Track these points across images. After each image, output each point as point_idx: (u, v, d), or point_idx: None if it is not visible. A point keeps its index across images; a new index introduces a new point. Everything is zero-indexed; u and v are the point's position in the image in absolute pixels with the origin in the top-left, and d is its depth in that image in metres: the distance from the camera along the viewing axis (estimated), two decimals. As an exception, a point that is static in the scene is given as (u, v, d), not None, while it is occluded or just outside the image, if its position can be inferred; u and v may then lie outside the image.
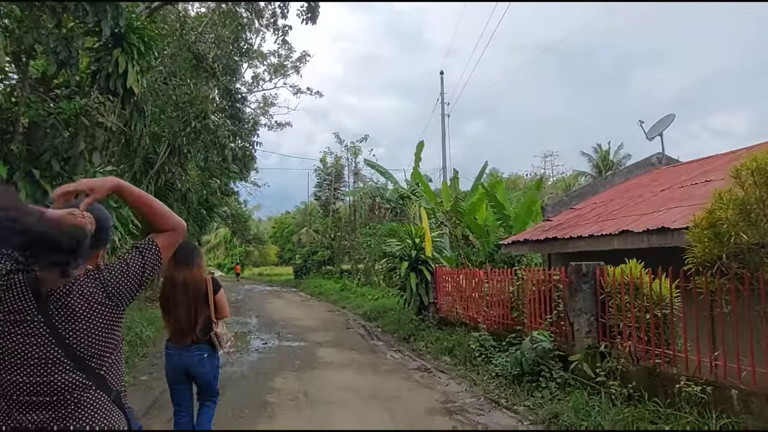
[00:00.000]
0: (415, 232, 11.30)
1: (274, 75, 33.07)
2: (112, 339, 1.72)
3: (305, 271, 28.83)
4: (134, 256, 1.79)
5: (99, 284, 1.70)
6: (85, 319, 1.64)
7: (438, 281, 10.96)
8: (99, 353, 1.67)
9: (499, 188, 15.55)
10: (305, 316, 15.27)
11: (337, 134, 26.94)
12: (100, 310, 1.67)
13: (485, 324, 8.75)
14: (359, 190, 25.19)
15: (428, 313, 10.87)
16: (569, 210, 11.89)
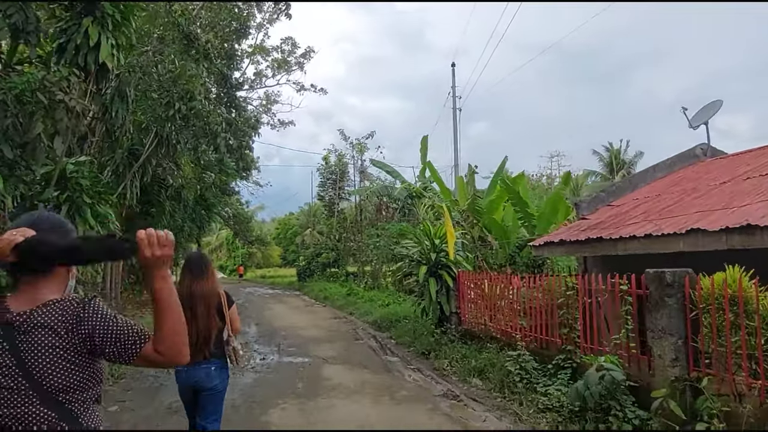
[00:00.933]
0: (434, 232, 9.78)
1: (277, 71, 31.70)
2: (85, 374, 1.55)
3: (309, 273, 27.32)
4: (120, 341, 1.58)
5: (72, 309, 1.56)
6: (46, 348, 1.49)
7: (461, 288, 9.43)
8: (67, 388, 1.51)
9: (520, 184, 14.03)
10: (309, 324, 13.75)
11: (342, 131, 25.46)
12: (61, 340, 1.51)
13: (523, 341, 7.23)
14: (365, 189, 23.67)
15: (450, 325, 9.34)
16: (607, 207, 10.38)
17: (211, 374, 3.80)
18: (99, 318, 1.57)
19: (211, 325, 3.74)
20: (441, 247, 9.67)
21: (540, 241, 9.61)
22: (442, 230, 9.85)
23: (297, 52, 30.84)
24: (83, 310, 1.56)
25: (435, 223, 17.93)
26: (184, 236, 20.23)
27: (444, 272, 9.39)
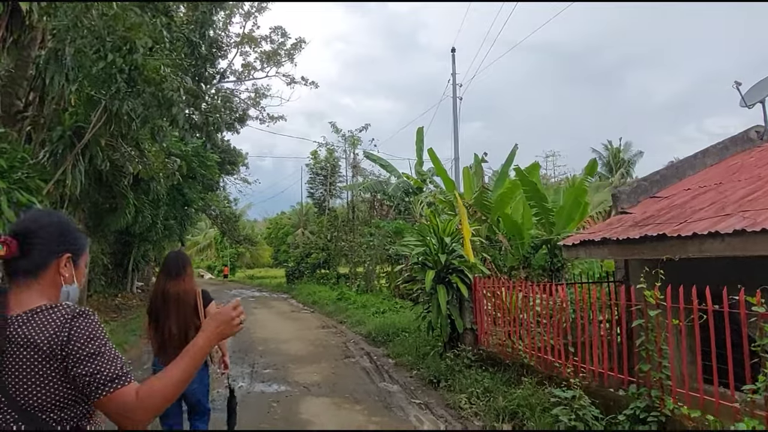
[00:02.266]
0: (443, 228, 7.67)
1: (266, 63, 29.53)
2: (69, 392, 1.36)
3: (298, 274, 25.11)
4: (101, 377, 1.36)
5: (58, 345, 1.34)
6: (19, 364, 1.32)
7: (478, 298, 7.33)
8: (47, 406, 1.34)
9: (535, 174, 11.97)
10: (293, 336, 11.60)
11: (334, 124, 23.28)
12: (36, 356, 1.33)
13: (575, 374, 5.16)
14: (358, 184, 21.53)
15: (463, 344, 7.24)
16: (651, 199, 8.36)
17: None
18: (81, 340, 1.35)
19: (188, 325, 3.58)
20: (452, 247, 7.58)
21: (574, 239, 7.57)
22: (452, 226, 7.75)
23: (287, 43, 28.78)
24: (69, 326, 1.36)
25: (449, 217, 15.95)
26: (158, 234, 18.01)
27: (456, 278, 7.30)
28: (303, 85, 29.03)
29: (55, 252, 1.48)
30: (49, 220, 1.51)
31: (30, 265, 1.43)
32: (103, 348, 1.37)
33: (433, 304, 7.31)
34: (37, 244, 1.45)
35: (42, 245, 1.45)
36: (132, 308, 18.48)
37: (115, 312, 17.18)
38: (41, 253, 1.45)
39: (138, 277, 24.04)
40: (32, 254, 1.43)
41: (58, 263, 1.48)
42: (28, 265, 1.43)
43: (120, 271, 21.40)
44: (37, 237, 1.45)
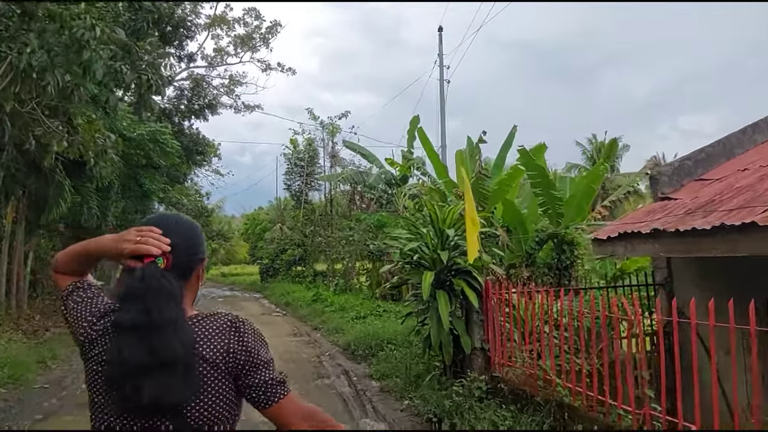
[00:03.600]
0: (443, 217, 5.81)
1: (240, 48, 27.35)
2: (231, 405, 1.26)
3: (272, 272, 23.05)
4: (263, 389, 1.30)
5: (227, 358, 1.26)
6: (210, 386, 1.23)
7: (490, 309, 5.49)
8: (212, 420, 1.22)
9: (540, 157, 10.21)
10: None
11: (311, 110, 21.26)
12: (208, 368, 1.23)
13: None
14: (336, 175, 19.57)
15: (472, 369, 5.40)
16: (697, 182, 6.68)
17: None
18: (252, 349, 1.28)
19: None
20: (455, 242, 5.74)
21: (608, 231, 5.85)
22: (454, 213, 5.91)
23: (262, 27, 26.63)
24: (236, 336, 1.27)
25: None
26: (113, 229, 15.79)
27: (462, 282, 5.46)
28: (279, 71, 26.97)
29: (198, 258, 1.38)
30: (189, 225, 1.41)
31: (180, 274, 1.28)
32: (269, 354, 1.33)
33: (432, 315, 5.45)
34: (185, 252, 1.31)
35: (189, 253, 1.33)
36: (85, 311, 16.27)
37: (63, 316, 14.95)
38: (190, 261, 1.34)
39: (96, 276, 21.74)
40: (182, 263, 1.30)
41: (199, 269, 1.40)
42: (178, 274, 1.27)
43: (75, 269, 19.09)
44: (185, 245, 1.32)
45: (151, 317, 1.14)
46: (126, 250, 1.22)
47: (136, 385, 1.12)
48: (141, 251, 1.21)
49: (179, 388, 1.14)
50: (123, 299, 1.19)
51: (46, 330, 12.79)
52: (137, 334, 1.14)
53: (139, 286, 1.17)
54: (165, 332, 1.14)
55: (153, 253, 1.21)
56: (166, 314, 1.16)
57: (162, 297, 1.17)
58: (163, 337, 1.14)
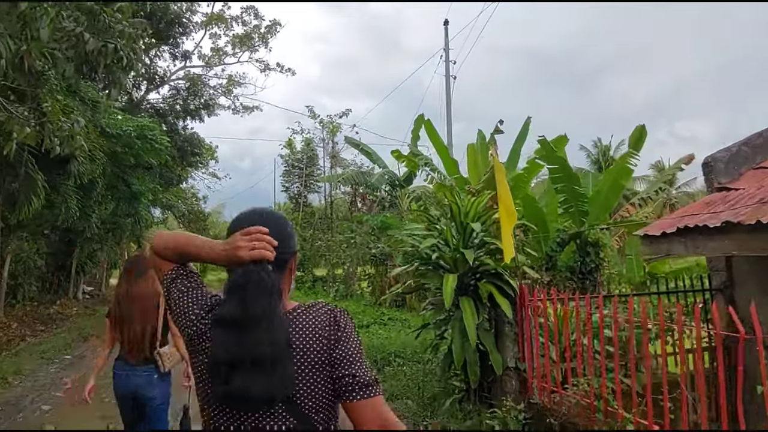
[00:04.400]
0: (467, 209, 4.77)
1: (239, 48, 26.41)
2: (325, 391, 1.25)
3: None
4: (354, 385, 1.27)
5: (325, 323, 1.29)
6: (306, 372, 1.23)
7: (525, 318, 4.42)
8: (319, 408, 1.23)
9: (562, 149, 9.15)
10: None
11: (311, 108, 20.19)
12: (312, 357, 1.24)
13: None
14: (337, 176, 18.54)
15: (503, 393, 4.33)
16: (758, 170, 5.65)
17: (153, 381, 3.39)
18: (348, 340, 1.27)
19: (149, 327, 3.42)
20: (480, 240, 4.70)
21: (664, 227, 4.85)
22: (479, 204, 4.86)
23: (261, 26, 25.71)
24: (334, 327, 1.27)
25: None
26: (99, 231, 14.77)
27: (491, 287, 4.40)
28: (278, 72, 26.05)
29: (291, 251, 1.37)
30: (281, 219, 1.40)
31: (276, 268, 1.26)
32: (361, 349, 1.31)
33: (454, 327, 4.39)
34: (280, 246, 1.27)
35: (283, 246, 1.29)
36: (69, 318, 15.15)
37: (45, 324, 13.84)
38: (284, 255, 1.31)
39: (86, 281, 20.61)
40: (278, 257, 1.26)
41: (291, 262, 1.39)
42: (274, 268, 1.26)
43: (62, 274, 17.99)
44: (279, 239, 1.28)
45: (246, 311, 1.14)
46: (245, 258, 1.20)
47: (229, 378, 1.12)
48: (256, 257, 1.20)
49: (267, 384, 1.13)
50: (226, 293, 1.21)
51: (22, 339, 11.70)
52: (233, 327, 1.15)
53: (240, 281, 1.18)
54: (258, 327, 1.14)
55: (268, 258, 1.21)
56: (260, 308, 1.15)
57: (261, 291, 1.17)
58: (256, 332, 1.14)
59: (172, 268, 1.33)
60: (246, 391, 1.11)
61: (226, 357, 1.13)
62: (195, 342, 1.25)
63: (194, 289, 1.31)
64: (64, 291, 18.01)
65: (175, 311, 1.30)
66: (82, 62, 5.44)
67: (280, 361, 1.14)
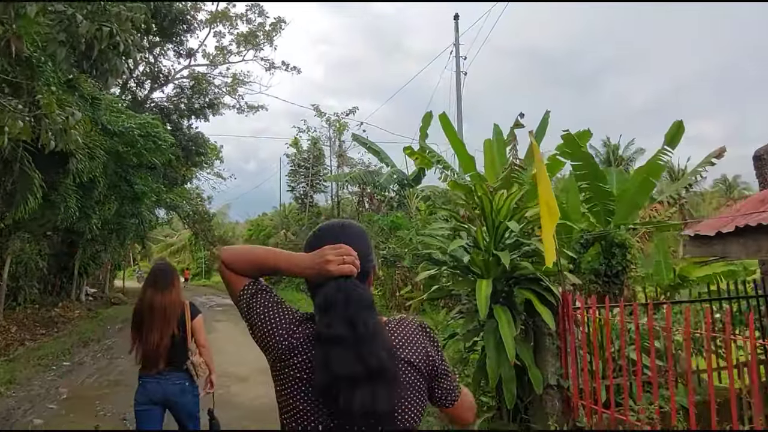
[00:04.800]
0: (497, 207, 4.25)
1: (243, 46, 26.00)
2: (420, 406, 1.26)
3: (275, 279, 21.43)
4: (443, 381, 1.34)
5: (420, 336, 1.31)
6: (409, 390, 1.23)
7: (570, 330, 3.90)
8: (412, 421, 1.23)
9: (584, 143, 8.61)
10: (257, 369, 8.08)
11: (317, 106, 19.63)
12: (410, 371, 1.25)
13: None
14: (344, 175, 18.03)
15: (544, 414, 3.81)
16: (816, 163, 5.13)
17: (185, 389, 3.44)
18: (441, 354, 1.32)
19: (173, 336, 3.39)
20: (516, 240, 4.19)
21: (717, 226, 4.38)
22: (510, 202, 4.35)
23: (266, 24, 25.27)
24: (429, 340, 1.31)
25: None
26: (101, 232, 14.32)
27: (529, 294, 3.89)
28: (284, 70, 25.62)
29: (371, 264, 1.37)
30: (361, 232, 1.41)
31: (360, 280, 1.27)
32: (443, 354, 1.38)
33: (488, 339, 3.87)
34: (362, 259, 1.28)
35: (365, 259, 1.31)
36: (71, 321, 14.70)
37: (45, 327, 13.38)
38: (366, 267, 1.31)
39: (89, 282, 20.16)
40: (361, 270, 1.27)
41: (371, 274, 1.39)
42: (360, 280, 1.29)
43: (64, 276, 17.54)
44: (361, 252, 1.29)
45: (357, 329, 1.15)
46: (334, 273, 1.20)
47: (347, 394, 1.12)
48: (345, 272, 1.21)
49: (387, 397, 1.15)
50: (324, 309, 1.19)
51: (21, 344, 11.24)
52: (344, 344, 1.14)
53: (338, 296, 1.18)
54: (372, 342, 1.15)
55: (354, 273, 1.22)
56: (370, 325, 1.17)
57: (363, 307, 1.19)
58: (370, 347, 1.14)
59: (247, 283, 1.31)
60: (371, 405, 1.11)
61: (341, 373, 1.12)
62: (285, 357, 1.23)
63: (277, 305, 1.30)
64: (67, 293, 17.56)
65: (261, 327, 1.28)
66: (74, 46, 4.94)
67: (395, 374, 1.17)
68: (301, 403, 1.21)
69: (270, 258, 1.29)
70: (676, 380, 4.13)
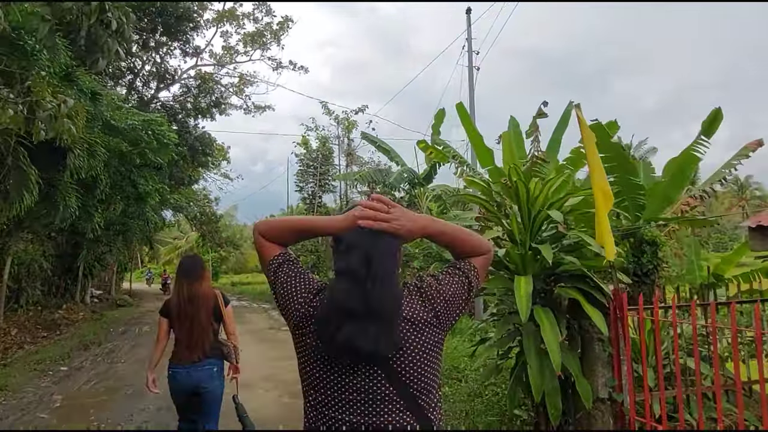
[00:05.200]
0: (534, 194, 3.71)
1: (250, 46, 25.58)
2: (437, 370, 1.29)
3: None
4: (458, 276, 1.35)
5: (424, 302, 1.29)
6: (414, 345, 1.22)
7: (624, 335, 3.34)
8: (428, 388, 1.24)
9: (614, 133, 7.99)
10: (264, 376, 7.57)
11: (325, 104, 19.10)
12: (428, 334, 1.25)
13: None
14: (353, 174, 17.51)
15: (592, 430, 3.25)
16: None
17: (214, 374, 3.51)
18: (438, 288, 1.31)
19: (210, 325, 3.53)
20: (556, 232, 3.64)
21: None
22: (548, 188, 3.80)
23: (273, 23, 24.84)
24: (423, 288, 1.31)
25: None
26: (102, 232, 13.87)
27: (575, 293, 3.34)
28: (291, 69, 25.15)
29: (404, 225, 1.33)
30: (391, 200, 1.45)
31: None
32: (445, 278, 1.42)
33: (529, 346, 3.31)
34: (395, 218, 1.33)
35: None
36: (74, 324, 14.27)
37: (48, 329, 12.96)
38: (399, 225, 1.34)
39: (95, 284, 19.75)
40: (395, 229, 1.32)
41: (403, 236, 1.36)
42: None
43: (69, 277, 17.14)
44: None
45: (371, 267, 1.17)
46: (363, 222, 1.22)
47: (338, 325, 1.15)
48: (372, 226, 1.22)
49: (375, 339, 1.14)
50: (346, 250, 1.23)
51: (20, 347, 10.80)
52: (355, 279, 1.17)
53: (360, 238, 1.21)
54: (382, 285, 1.17)
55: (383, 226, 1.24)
56: (384, 265, 1.19)
57: (385, 252, 1.21)
58: (380, 289, 1.16)
59: (277, 253, 1.35)
60: (355, 341, 1.13)
61: (344, 306, 1.15)
62: (303, 324, 1.27)
63: (300, 275, 1.34)
64: (71, 295, 17.16)
65: (282, 295, 1.33)
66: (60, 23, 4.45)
67: (391, 320, 1.18)
68: (315, 370, 1.22)
69: (305, 222, 1.37)
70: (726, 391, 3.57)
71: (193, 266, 3.61)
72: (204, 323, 3.46)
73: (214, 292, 3.63)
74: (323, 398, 1.21)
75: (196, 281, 3.51)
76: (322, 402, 1.21)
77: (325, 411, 1.21)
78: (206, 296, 3.52)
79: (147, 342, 11.07)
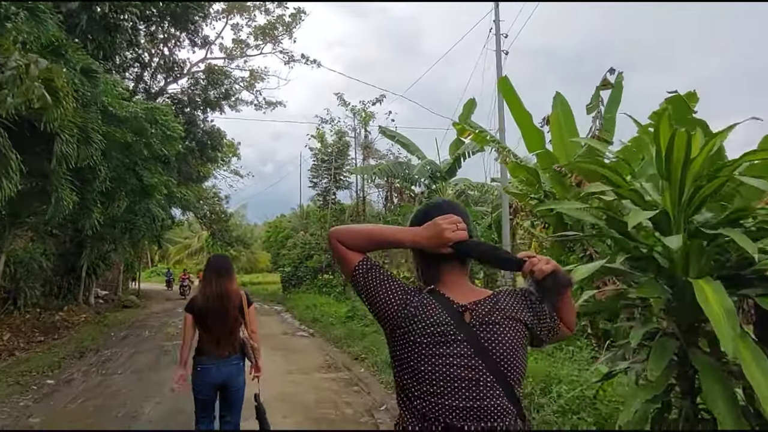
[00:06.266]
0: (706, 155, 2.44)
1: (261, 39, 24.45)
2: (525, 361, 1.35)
3: (296, 281, 19.68)
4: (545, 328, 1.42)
5: (522, 299, 1.38)
6: (510, 338, 1.30)
7: None
8: (520, 377, 1.32)
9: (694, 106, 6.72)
10: (278, 392, 6.34)
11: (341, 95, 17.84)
12: (521, 329, 1.34)
13: None
14: (370, 167, 16.27)
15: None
16: None
17: (241, 369, 3.64)
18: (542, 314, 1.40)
19: (237, 322, 3.61)
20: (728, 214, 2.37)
21: None
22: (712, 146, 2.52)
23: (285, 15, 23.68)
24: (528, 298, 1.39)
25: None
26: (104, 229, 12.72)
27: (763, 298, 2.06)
28: (303, 63, 23.98)
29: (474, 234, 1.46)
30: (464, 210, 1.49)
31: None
32: None
33: (714, 394, 2.04)
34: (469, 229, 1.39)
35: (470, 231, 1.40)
36: (75, 326, 13.13)
37: (45, 333, 11.82)
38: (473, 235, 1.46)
39: (100, 284, 18.65)
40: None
41: None
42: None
43: (72, 277, 16.03)
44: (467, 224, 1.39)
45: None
46: (450, 238, 1.29)
47: None
48: (461, 237, 1.30)
49: None
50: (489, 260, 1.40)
51: (10, 354, 9.64)
52: None
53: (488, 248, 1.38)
54: None
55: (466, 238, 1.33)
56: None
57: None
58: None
59: (361, 260, 1.36)
60: None
61: None
62: (405, 324, 1.30)
63: (390, 279, 1.36)
64: (74, 296, 16.03)
65: (378, 300, 1.34)
66: None
67: None
68: (421, 364, 1.27)
69: (386, 233, 1.39)
70: None
71: (224, 264, 3.69)
72: (233, 320, 3.53)
73: (239, 292, 3.69)
74: (428, 388, 1.26)
75: (226, 279, 3.57)
76: (428, 392, 1.25)
77: (432, 399, 1.25)
78: (235, 294, 3.59)
79: (149, 348, 9.92)
